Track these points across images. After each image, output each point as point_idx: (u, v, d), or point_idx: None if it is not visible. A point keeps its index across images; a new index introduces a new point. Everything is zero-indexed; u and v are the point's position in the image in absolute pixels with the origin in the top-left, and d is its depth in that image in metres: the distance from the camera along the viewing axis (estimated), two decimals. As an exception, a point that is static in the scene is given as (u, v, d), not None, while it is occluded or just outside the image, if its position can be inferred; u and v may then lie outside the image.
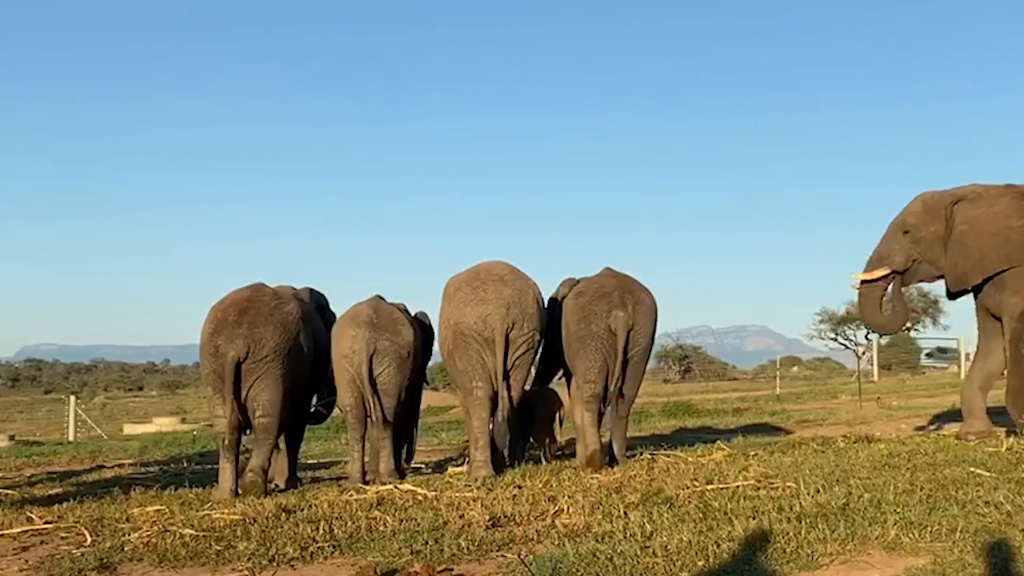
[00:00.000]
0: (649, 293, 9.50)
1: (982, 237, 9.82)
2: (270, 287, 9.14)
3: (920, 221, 10.24)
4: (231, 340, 8.44)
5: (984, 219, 9.86)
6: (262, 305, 8.71)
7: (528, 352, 9.11)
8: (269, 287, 9.13)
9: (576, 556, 5.15)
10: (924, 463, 8.14)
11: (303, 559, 5.61)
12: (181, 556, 5.76)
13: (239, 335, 8.45)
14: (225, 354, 8.42)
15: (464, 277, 9.33)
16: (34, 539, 6.61)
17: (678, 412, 20.10)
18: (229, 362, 8.40)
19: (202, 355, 8.64)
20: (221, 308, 8.74)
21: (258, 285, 9.05)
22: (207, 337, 8.57)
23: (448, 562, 5.36)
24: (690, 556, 5.10)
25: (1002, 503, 6.05)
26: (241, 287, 8.99)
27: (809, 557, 5.06)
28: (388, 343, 8.97)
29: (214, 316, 8.69)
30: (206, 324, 8.68)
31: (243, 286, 9.01)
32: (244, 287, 8.98)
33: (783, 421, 16.61)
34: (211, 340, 8.53)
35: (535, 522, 6.33)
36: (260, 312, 8.64)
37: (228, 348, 8.42)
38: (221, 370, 8.46)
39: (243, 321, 8.53)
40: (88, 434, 23.55)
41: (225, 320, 8.58)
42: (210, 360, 8.53)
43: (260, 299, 8.78)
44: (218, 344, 8.46)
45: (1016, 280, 9.71)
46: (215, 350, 8.47)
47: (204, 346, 8.59)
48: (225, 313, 8.65)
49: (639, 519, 6.02)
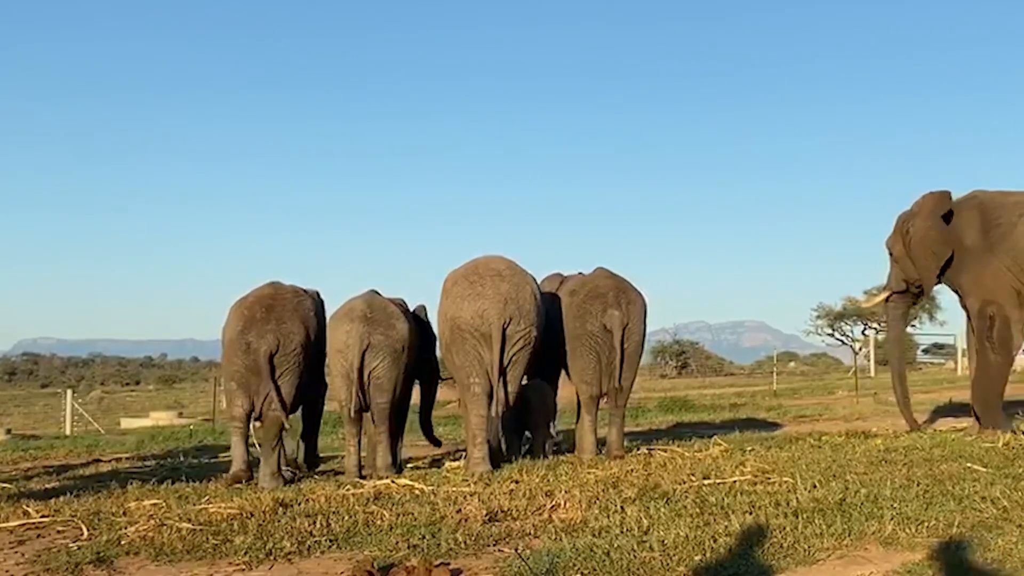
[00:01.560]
0: (640, 293, 9.91)
1: (918, 246, 10.73)
2: (288, 284, 9.37)
3: (891, 242, 11.21)
4: (262, 335, 8.77)
5: (919, 229, 10.73)
6: (286, 301, 9.06)
7: (525, 348, 9.09)
8: (287, 284, 9.36)
9: (573, 551, 5.15)
10: (921, 459, 8.17)
11: (300, 553, 5.61)
12: (178, 550, 5.76)
13: (269, 330, 8.79)
14: (258, 349, 8.74)
15: (462, 272, 9.33)
16: (31, 533, 6.60)
17: (675, 408, 20.13)
18: (263, 356, 8.71)
19: (230, 351, 8.89)
20: (247, 305, 9.02)
21: (277, 283, 9.34)
22: (237, 333, 8.85)
23: (445, 556, 5.35)
24: (687, 551, 5.11)
25: (998, 498, 6.07)
26: (261, 285, 9.28)
27: (806, 552, 5.07)
28: (382, 337, 8.97)
29: (241, 313, 8.96)
30: (233, 321, 8.96)
31: (263, 284, 9.29)
32: (264, 285, 9.27)
33: (780, 417, 16.64)
34: (242, 336, 8.81)
35: (532, 517, 6.34)
36: (286, 308, 8.98)
37: (260, 343, 8.74)
38: (254, 365, 8.75)
39: (271, 317, 8.86)
40: (85, 428, 23.50)
41: (253, 317, 8.88)
42: (242, 356, 8.80)
43: (283, 296, 9.12)
44: (250, 340, 8.78)
45: (971, 284, 10.44)
46: (247, 346, 8.77)
47: (234, 342, 8.85)
48: (252, 310, 8.95)
49: (636, 514, 6.02)
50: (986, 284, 10.24)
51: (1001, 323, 10.12)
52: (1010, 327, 10.10)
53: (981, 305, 10.29)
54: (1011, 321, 10.10)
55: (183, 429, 19.11)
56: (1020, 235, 10.01)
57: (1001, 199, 10.36)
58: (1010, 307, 10.11)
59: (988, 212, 10.30)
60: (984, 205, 10.39)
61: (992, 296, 10.19)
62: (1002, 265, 10.09)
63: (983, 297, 10.28)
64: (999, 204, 10.30)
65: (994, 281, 10.17)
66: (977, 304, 10.36)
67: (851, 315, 44.46)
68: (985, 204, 10.40)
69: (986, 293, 10.25)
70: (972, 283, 10.38)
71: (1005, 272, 10.08)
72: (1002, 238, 10.10)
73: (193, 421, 23.44)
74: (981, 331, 10.32)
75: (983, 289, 10.27)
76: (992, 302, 10.18)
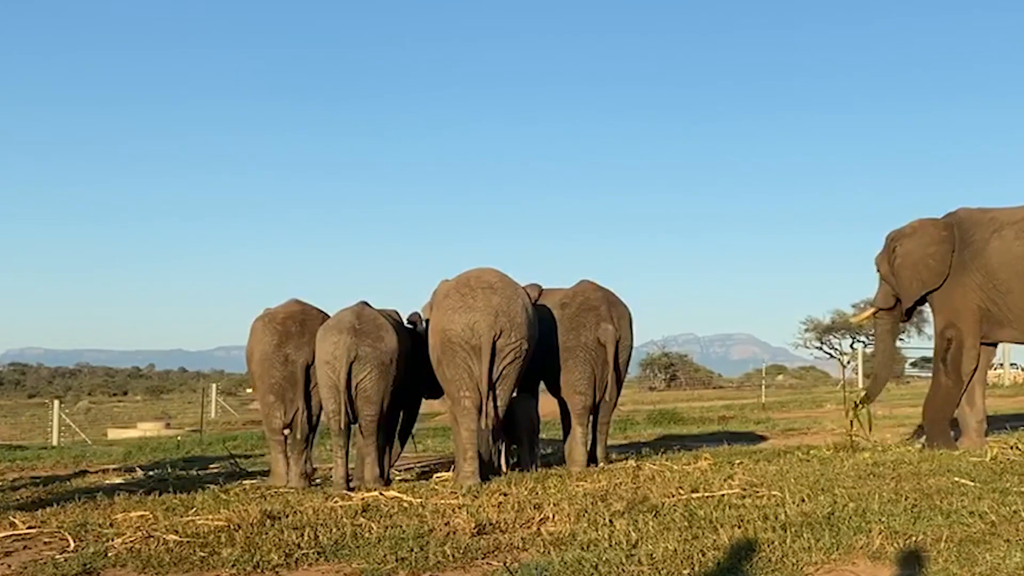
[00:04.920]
0: (627, 306, 10.20)
1: (908, 268, 10.69)
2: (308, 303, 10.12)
3: (879, 260, 11.24)
4: (299, 348, 9.50)
5: (911, 251, 10.69)
6: (314, 317, 9.74)
7: (516, 361, 9.07)
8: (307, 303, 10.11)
9: (561, 564, 5.15)
10: (909, 472, 8.18)
11: (288, 566, 5.59)
12: (165, 562, 5.73)
13: (304, 343, 9.49)
14: (296, 361, 9.48)
15: (453, 284, 9.32)
16: (17, 544, 6.56)
17: (664, 420, 20.15)
18: (300, 368, 9.47)
19: (267, 363, 9.57)
20: (279, 320, 9.65)
21: (299, 300, 10.07)
22: (273, 348, 9.56)
23: (433, 569, 5.35)
24: (675, 565, 5.10)
25: (986, 513, 6.07)
26: (287, 301, 10.05)
27: (794, 566, 5.06)
28: (370, 349, 8.97)
29: (275, 328, 9.67)
30: (267, 336, 9.64)
31: (287, 301, 10.07)
32: (290, 301, 10.05)
33: (768, 430, 16.66)
34: (279, 350, 9.55)
35: (521, 529, 6.32)
36: (315, 323, 9.58)
37: (298, 356, 9.49)
38: (293, 377, 9.52)
39: (305, 331, 9.58)
40: (72, 439, 23.41)
41: (288, 331, 9.60)
42: (280, 368, 9.53)
43: (311, 312, 9.87)
44: (287, 353, 9.53)
45: (938, 301, 10.55)
46: (284, 358, 9.53)
47: (270, 355, 9.56)
48: (286, 325, 9.66)
49: (625, 527, 6.01)
50: (954, 305, 10.30)
51: (956, 348, 10.26)
52: (963, 353, 10.24)
53: (944, 327, 10.42)
54: (966, 348, 10.22)
55: (171, 440, 19.06)
56: (992, 252, 10.04)
57: (978, 216, 10.41)
58: (969, 333, 10.22)
59: (964, 230, 10.36)
60: (961, 223, 10.45)
61: (955, 319, 10.28)
62: (973, 283, 10.13)
63: (947, 318, 10.39)
64: (975, 222, 10.35)
65: (962, 301, 10.22)
66: (940, 324, 10.50)
67: (840, 328, 44.60)
68: (963, 222, 10.45)
69: (951, 314, 10.34)
70: (942, 302, 10.46)
71: (975, 291, 10.13)
72: (974, 256, 10.14)
73: (181, 432, 23.36)
74: (938, 351, 10.50)
75: (950, 310, 10.36)
76: (953, 325, 10.29)
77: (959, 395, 10.39)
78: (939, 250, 10.41)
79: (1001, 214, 10.30)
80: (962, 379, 10.30)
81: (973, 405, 10.44)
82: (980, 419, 10.45)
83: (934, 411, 10.54)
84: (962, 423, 10.54)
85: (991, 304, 10.09)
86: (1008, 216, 10.21)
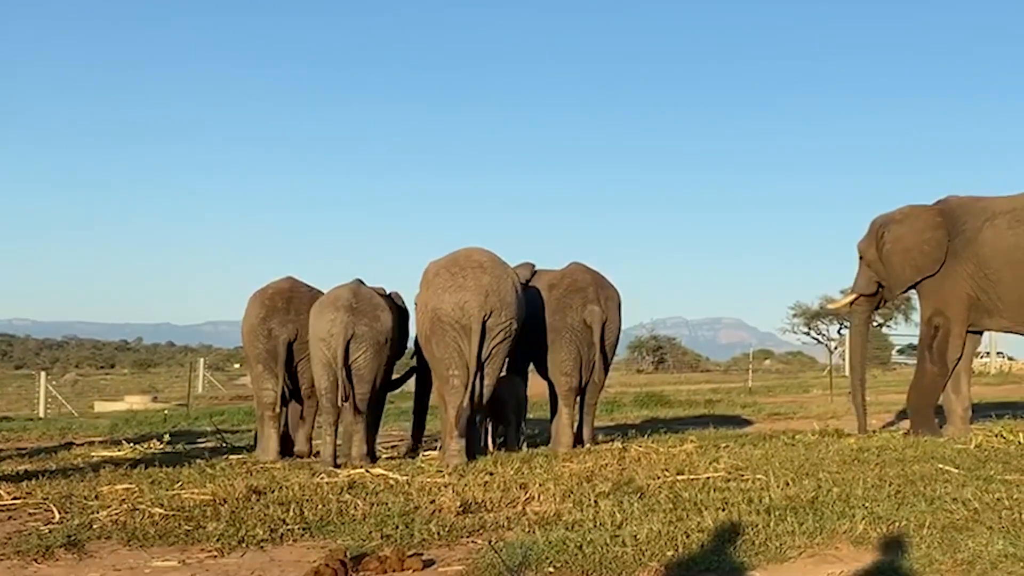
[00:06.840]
0: (616, 289, 10.25)
1: (900, 253, 10.63)
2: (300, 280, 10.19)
3: (864, 246, 11.14)
4: (283, 324, 9.63)
5: (903, 236, 10.65)
6: (302, 295, 9.81)
7: (505, 341, 9.08)
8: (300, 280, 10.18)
9: (546, 543, 5.16)
10: (893, 459, 8.22)
11: (273, 541, 5.60)
12: (150, 535, 5.73)
13: (289, 320, 9.60)
14: (278, 336, 9.60)
15: (443, 263, 9.31)
16: (2, 515, 6.56)
17: (650, 403, 20.20)
18: (281, 343, 9.57)
19: (253, 336, 9.73)
20: (268, 296, 9.76)
21: (292, 278, 10.14)
22: (259, 321, 9.69)
23: (418, 547, 5.35)
24: (659, 546, 5.12)
25: (970, 500, 6.11)
26: (278, 279, 10.10)
27: (778, 549, 5.09)
28: (367, 328, 8.98)
29: (262, 303, 9.81)
30: (255, 310, 9.79)
31: (279, 278, 10.11)
32: (281, 279, 10.10)
33: (754, 414, 16.71)
34: (263, 324, 9.67)
35: (506, 509, 6.34)
36: (303, 300, 9.69)
37: (281, 331, 9.60)
38: (274, 351, 9.62)
39: (291, 308, 9.68)
40: (58, 411, 23.38)
41: (275, 307, 9.73)
42: (263, 341, 9.65)
43: (300, 289, 9.95)
44: (271, 327, 9.65)
45: (927, 289, 10.54)
46: (268, 332, 9.65)
47: (256, 328, 9.70)
48: (273, 301, 9.79)
49: (609, 508, 6.04)
50: (943, 293, 10.33)
51: (943, 336, 10.31)
52: (949, 341, 10.29)
53: (931, 314, 10.46)
54: (952, 335, 10.28)
55: (157, 413, 19.03)
56: (984, 241, 10.07)
57: (970, 204, 10.42)
58: (956, 321, 10.27)
59: (955, 218, 10.36)
60: (953, 211, 10.45)
61: (944, 307, 10.33)
62: (964, 271, 10.16)
63: (935, 306, 10.43)
64: (967, 210, 10.35)
65: (951, 290, 10.26)
66: (928, 312, 10.53)
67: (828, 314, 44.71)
68: (954, 209, 10.46)
69: (939, 303, 10.38)
70: (932, 289, 10.46)
71: (965, 280, 10.16)
72: (966, 244, 10.17)
73: (168, 406, 23.33)
74: (924, 338, 10.55)
75: (938, 298, 10.39)
76: (941, 313, 10.35)
77: (944, 382, 10.44)
78: (934, 236, 10.39)
79: (994, 203, 10.30)
80: (947, 367, 10.35)
81: (959, 392, 10.50)
82: (965, 406, 10.51)
83: (919, 398, 10.59)
84: (947, 410, 10.60)
85: (981, 293, 10.11)
86: (1001, 205, 10.21)
